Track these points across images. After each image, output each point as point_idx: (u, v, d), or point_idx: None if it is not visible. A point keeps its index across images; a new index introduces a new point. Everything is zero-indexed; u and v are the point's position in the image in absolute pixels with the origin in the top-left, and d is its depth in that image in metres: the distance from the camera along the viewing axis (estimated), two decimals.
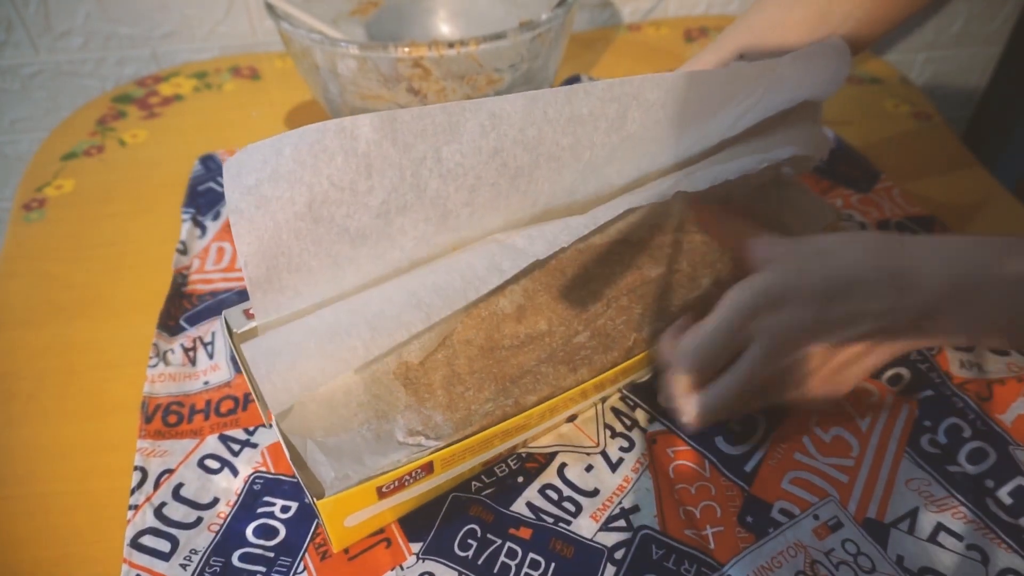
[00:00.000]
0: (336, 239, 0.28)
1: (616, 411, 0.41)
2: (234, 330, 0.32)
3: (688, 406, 0.35)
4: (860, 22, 0.42)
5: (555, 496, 0.37)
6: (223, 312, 0.33)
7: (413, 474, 0.33)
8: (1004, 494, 0.36)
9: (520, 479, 0.38)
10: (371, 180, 0.28)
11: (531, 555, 0.35)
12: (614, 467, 0.38)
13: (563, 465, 0.38)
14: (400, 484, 0.33)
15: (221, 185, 0.57)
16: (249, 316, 0.33)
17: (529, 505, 0.37)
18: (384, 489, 0.32)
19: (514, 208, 0.31)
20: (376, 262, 0.29)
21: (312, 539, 0.36)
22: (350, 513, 0.32)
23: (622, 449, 0.39)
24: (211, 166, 0.60)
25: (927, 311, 0.33)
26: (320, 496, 0.31)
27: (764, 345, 0.33)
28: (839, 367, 0.36)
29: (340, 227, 0.28)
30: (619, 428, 0.40)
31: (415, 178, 0.29)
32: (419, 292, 0.31)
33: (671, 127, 0.34)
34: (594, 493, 0.37)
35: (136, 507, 0.37)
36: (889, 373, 0.42)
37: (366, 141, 0.28)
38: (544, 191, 0.31)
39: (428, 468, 0.33)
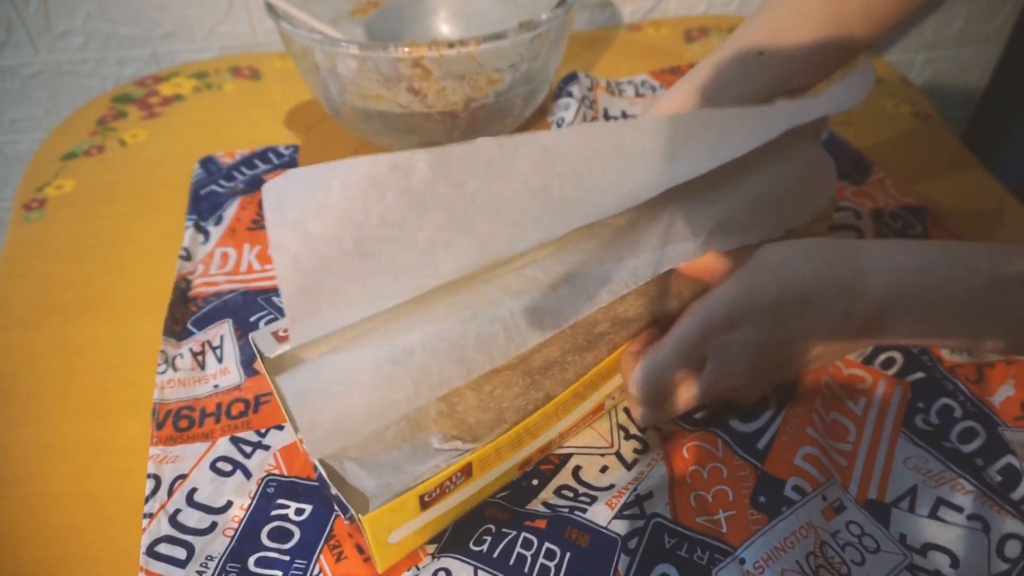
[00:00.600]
0: (380, 274, 0.28)
1: (629, 412, 0.41)
2: (265, 355, 0.31)
3: (642, 417, 0.37)
4: (874, 15, 0.41)
5: (570, 495, 0.37)
6: (251, 335, 0.33)
7: (453, 479, 0.32)
8: (994, 472, 0.37)
9: (535, 481, 0.38)
10: (422, 218, 0.28)
11: (547, 545, 0.35)
12: (629, 466, 0.38)
13: (577, 468, 0.38)
14: (442, 492, 0.32)
15: (223, 187, 0.57)
16: (280, 339, 0.32)
17: (544, 503, 0.37)
18: (427, 498, 0.32)
19: (552, 232, 0.31)
20: (414, 291, 0.28)
21: (327, 540, 0.36)
22: (395, 527, 0.32)
23: (636, 451, 0.39)
24: (211, 168, 0.60)
25: (874, 316, 0.33)
26: (365, 509, 0.30)
27: (715, 367, 0.35)
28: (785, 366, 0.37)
29: (386, 264, 0.28)
30: (633, 430, 0.40)
31: (464, 216, 0.29)
32: (463, 345, 0.30)
33: (707, 159, 0.35)
34: (609, 488, 0.37)
35: (151, 515, 0.37)
36: (882, 357, 0.43)
37: (420, 180, 0.27)
38: (581, 218, 0.31)
39: (467, 472, 0.33)
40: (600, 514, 0.36)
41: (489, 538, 0.35)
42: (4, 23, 0.74)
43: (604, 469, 0.38)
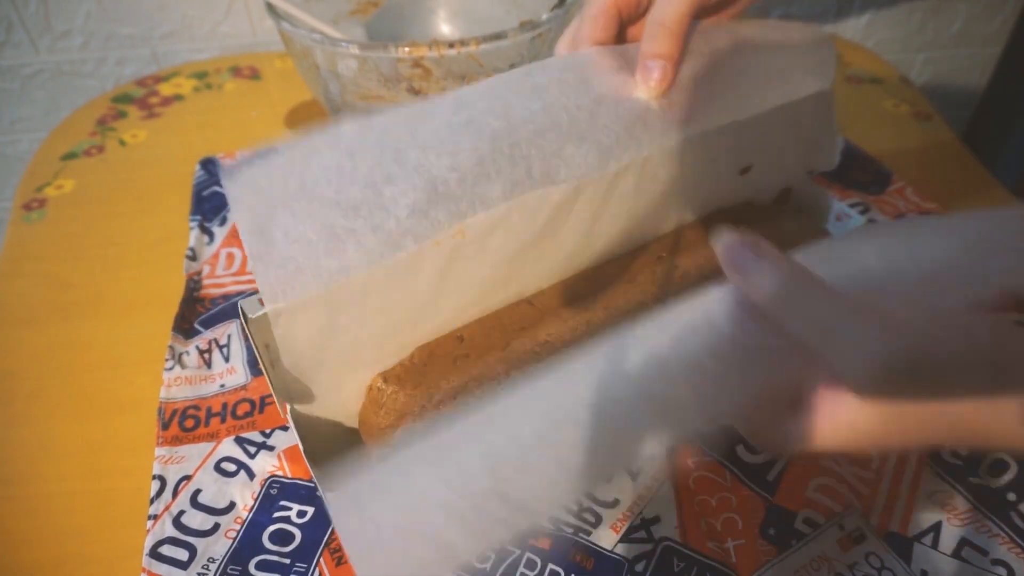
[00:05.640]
0: (328, 210, 0.30)
1: None
2: (249, 316, 0.31)
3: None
4: None
5: (575, 507, 0.37)
6: (239, 302, 0.32)
7: None
8: None
9: None
10: (354, 160, 0.31)
11: (550, 566, 0.34)
12: (634, 475, 0.38)
13: None
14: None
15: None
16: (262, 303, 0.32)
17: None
18: None
19: (507, 175, 0.32)
20: (375, 232, 0.30)
21: (327, 544, 0.36)
22: None
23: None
24: (212, 170, 0.60)
25: None
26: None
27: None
28: None
29: (331, 200, 0.30)
30: None
31: (395, 152, 0.31)
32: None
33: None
34: (614, 504, 0.37)
35: (155, 517, 0.37)
36: None
37: (348, 137, 0.31)
38: (532, 155, 0.32)
39: None
40: (605, 537, 0.36)
41: (491, 555, 0.35)
42: (4, 23, 0.74)
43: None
